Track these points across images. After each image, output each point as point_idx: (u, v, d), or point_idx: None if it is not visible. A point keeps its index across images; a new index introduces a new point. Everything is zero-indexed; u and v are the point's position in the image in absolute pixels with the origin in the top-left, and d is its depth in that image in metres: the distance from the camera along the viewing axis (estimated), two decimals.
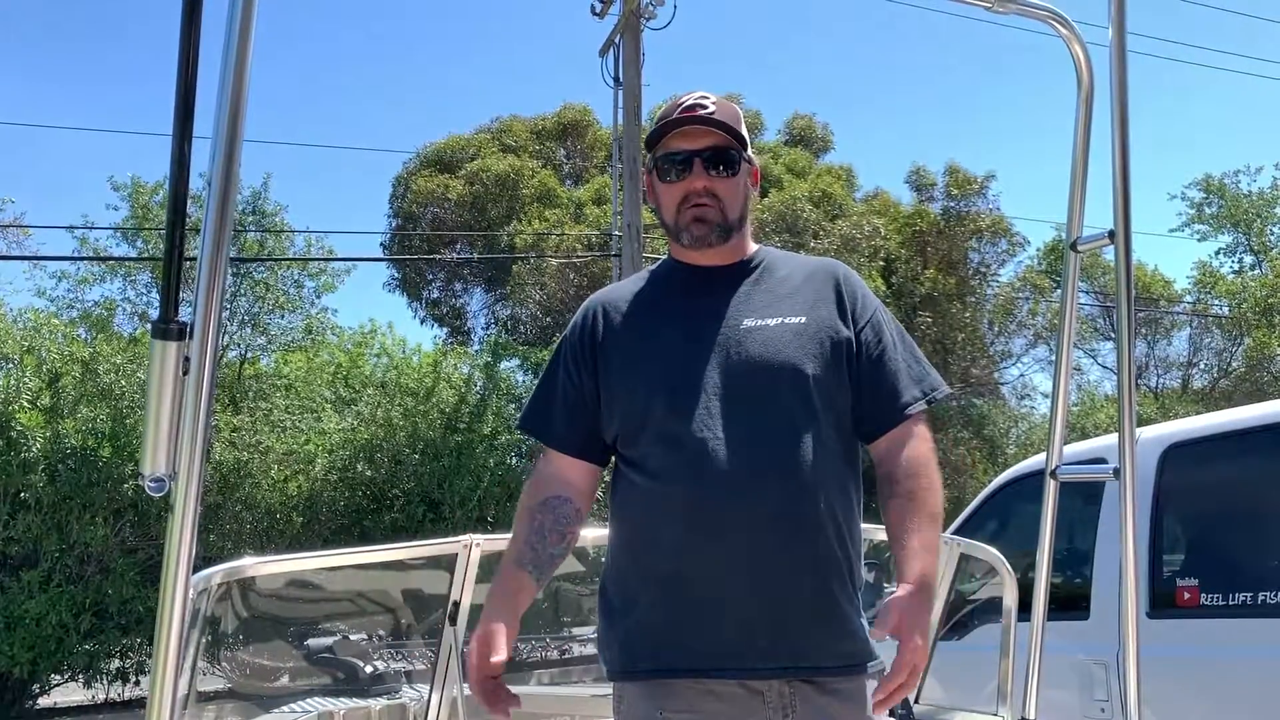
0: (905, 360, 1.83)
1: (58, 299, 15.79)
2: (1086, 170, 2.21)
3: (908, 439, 1.78)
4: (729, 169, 1.83)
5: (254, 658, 6.99)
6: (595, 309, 1.90)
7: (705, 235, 1.83)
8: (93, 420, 10.15)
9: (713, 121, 1.82)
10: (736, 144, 1.84)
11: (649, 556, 1.74)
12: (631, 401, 1.78)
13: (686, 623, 1.69)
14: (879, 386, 1.80)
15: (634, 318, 1.85)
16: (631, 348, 1.82)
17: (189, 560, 1.31)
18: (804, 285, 1.85)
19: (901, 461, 1.77)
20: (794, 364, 1.74)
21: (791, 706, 1.68)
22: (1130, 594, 2.06)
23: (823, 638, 1.70)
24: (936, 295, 18.66)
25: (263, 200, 15.97)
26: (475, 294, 21.21)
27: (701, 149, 1.82)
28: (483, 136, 20.72)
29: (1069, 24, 2.11)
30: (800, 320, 1.79)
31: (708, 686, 1.68)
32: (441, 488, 11.22)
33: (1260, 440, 3.53)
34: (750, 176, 1.89)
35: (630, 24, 12.95)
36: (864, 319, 1.83)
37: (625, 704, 1.75)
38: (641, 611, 1.74)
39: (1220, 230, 25.45)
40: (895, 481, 1.76)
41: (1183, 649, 3.36)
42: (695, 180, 1.82)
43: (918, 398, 1.81)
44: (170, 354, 1.32)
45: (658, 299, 1.88)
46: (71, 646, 9.87)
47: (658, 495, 1.73)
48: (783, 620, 1.68)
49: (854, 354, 1.80)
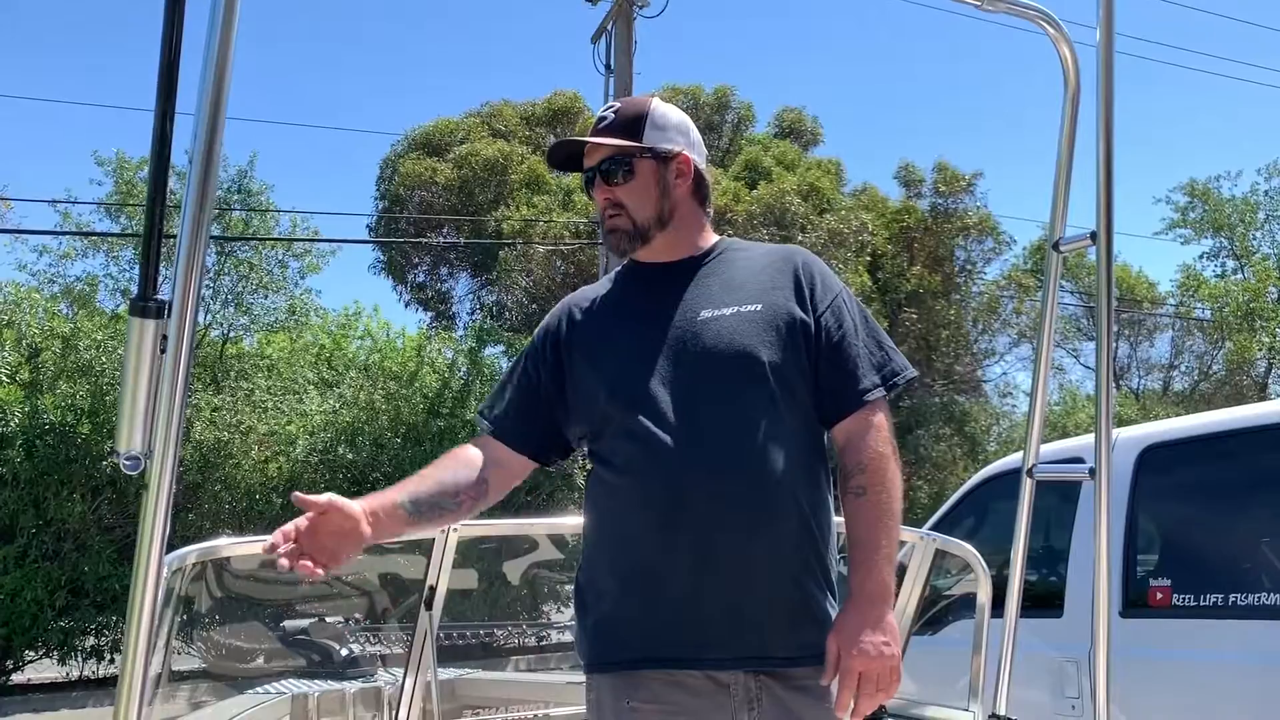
0: (866, 345, 1.81)
1: (39, 273, 15.69)
2: (1071, 170, 2.22)
3: (866, 431, 1.75)
4: (625, 176, 1.84)
5: (229, 639, 6.98)
6: (564, 310, 1.93)
7: (619, 243, 1.87)
8: (72, 396, 10.08)
9: (598, 135, 1.85)
10: (631, 148, 1.83)
11: (615, 550, 1.75)
12: (593, 400, 1.80)
13: (652, 615, 1.70)
14: (838, 371, 1.78)
15: (596, 318, 1.88)
16: (592, 347, 1.84)
17: (162, 538, 1.31)
18: (760, 273, 1.84)
19: (858, 456, 1.75)
20: (750, 351, 1.74)
21: (757, 700, 1.69)
22: (1102, 593, 2.07)
23: (786, 629, 1.71)
24: (922, 292, 18.72)
25: (249, 179, 15.86)
26: (461, 279, 21.12)
27: (596, 164, 1.86)
28: (472, 120, 20.61)
29: (1057, 24, 2.12)
30: (756, 308, 1.78)
31: (675, 678, 1.69)
32: None
33: (1236, 444, 3.56)
34: (665, 169, 1.86)
35: (623, 11, 12.91)
36: (824, 303, 1.81)
37: (595, 696, 1.76)
38: (609, 604, 1.75)
39: (1203, 234, 25.61)
40: (849, 476, 1.75)
41: (1154, 649, 3.39)
42: (599, 194, 1.86)
43: (877, 384, 1.78)
44: (149, 332, 1.31)
45: (618, 299, 1.90)
46: (46, 623, 9.82)
47: (622, 490, 1.75)
48: (746, 612, 1.69)
49: (813, 339, 1.78)
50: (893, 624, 1.68)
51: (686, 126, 1.91)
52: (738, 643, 1.68)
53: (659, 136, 1.85)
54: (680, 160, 1.87)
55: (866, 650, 1.63)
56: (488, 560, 8.66)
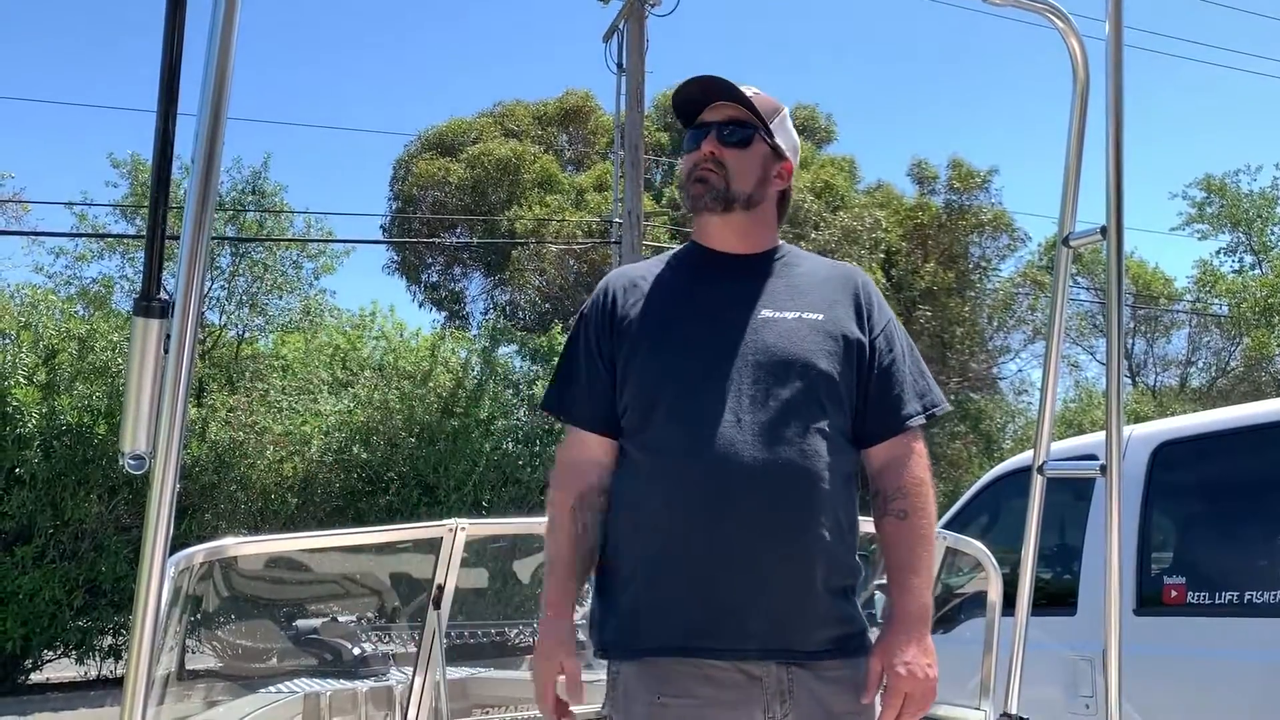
0: (912, 373, 1.88)
1: (55, 275, 15.77)
2: (1080, 165, 2.20)
3: (908, 457, 1.83)
4: (741, 143, 1.86)
5: (242, 638, 7.01)
6: (615, 286, 1.91)
7: (700, 196, 1.86)
8: (88, 397, 10.15)
9: (737, 96, 1.86)
10: (760, 124, 1.87)
11: (650, 536, 1.75)
12: (644, 382, 1.80)
13: (682, 602, 1.71)
14: (885, 394, 1.84)
15: (653, 299, 1.87)
16: (649, 329, 1.83)
17: (166, 537, 1.31)
18: (824, 284, 1.89)
19: (899, 480, 1.82)
20: (808, 358, 1.78)
21: (789, 692, 1.71)
22: (1114, 591, 2.06)
23: (816, 626, 1.73)
24: (936, 289, 18.66)
25: (263, 180, 15.91)
26: (474, 278, 21.18)
27: (719, 120, 1.87)
28: (484, 120, 20.66)
29: (1066, 18, 2.10)
30: (818, 317, 1.82)
31: (705, 671, 1.69)
32: (437, 472, 11.22)
33: (1250, 440, 3.54)
34: (773, 162, 1.90)
35: (634, 10, 12.90)
36: (879, 327, 1.87)
37: (621, 685, 1.76)
38: (638, 589, 1.75)
39: (1220, 230, 25.42)
40: (891, 499, 1.81)
41: (1169, 647, 3.37)
42: (706, 146, 1.87)
43: (919, 411, 1.86)
44: (152, 332, 1.31)
45: (677, 282, 1.89)
46: (64, 623, 9.89)
47: (662, 476, 1.75)
48: (778, 607, 1.70)
49: (865, 359, 1.84)
50: (932, 645, 1.75)
51: (798, 150, 2.00)
52: (770, 635, 1.70)
53: (783, 136, 1.92)
54: (785, 165, 1.93)
55: (914, 672, 1.70)
56: (500, 559, 8.67)
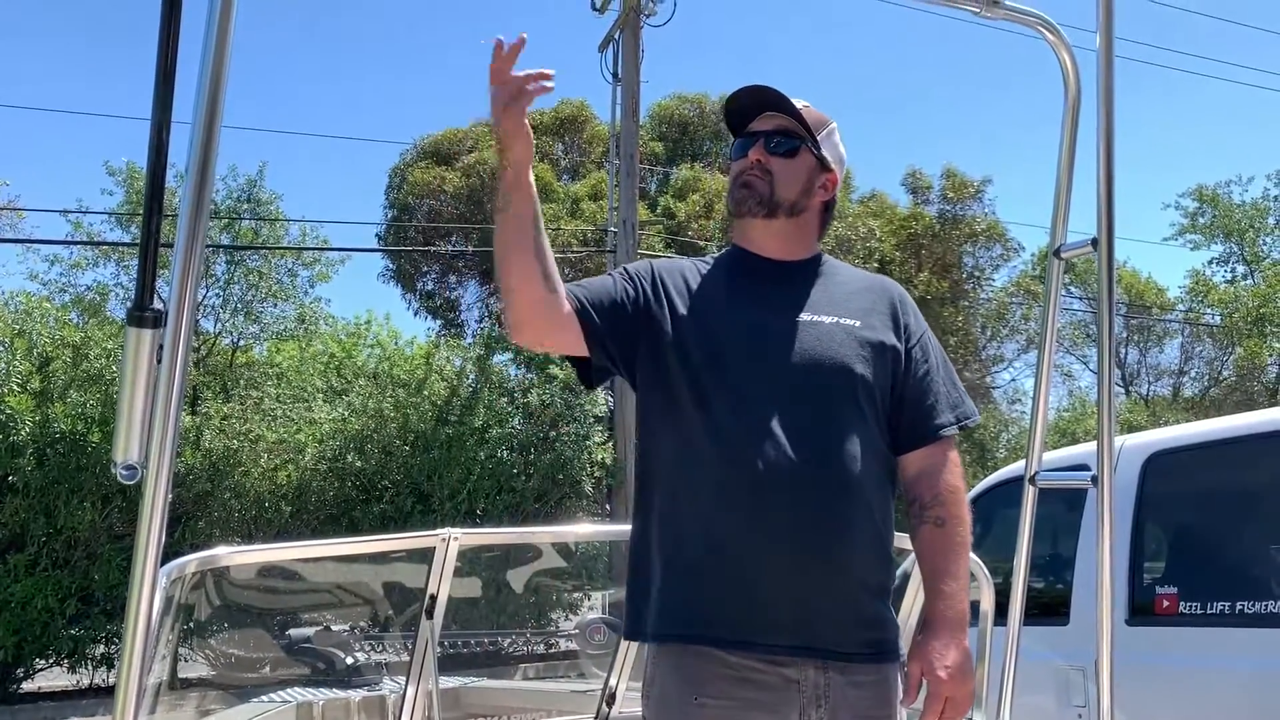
0: (946, 384, 1.92)
1: (50, 283, 15.76)
2: (1072, 177, 2.21)
3: (943, 465, 1.87)
4: (788, 152, 1.90)
5: (233, 646, 6.99)
6: (664, 266, 1.93)
7: (745, 200, 1.91)
8: (83, 405, 10.12)
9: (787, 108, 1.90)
10: (806, 135, 1.91)
11: (688, 528, 1.76)
12: (686, 374, 1.80)
13: (721, 595, 1.72)
14: (920, 403, 1.88)
15: (698, 294, 1.88)
16: (691, 321, 1.84)
17: (158, 547, 1.31)
18: (862, 293, 1.93)
19: (935, 488, 1.85)
20: (846, 363, 1.81)
21: (825, 696, 1.72)
22: (1105, 601, 2.06)
23: (851, 627, 1.75)
24: (930, 298, 18.68)
25: (258, 188, 15.93)
26: (470, 287, 21.18)
27: (767, 129, 1.92)
28: (480, 129, 20.63)
29: (1056, 30, 2.11)
30: (855, 324, 1.86)
31: (743, 674, 1.71)
32: (431, 480, 11.21)
33: (1243, 450, 3.54)
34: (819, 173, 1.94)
35: (630, 20, 12.94)
36: (915, 337, 1.92)
37: (658, 685, 1.75)
38: (677, 578, 1.76)
39: (1213, 240, 25.52)
40: (928, 507, 1.84)
41: (1161, 657, 3.37)
42: (753, 154, 1.91)
43: (952, 421, 1.90)
44: (145, 342, 1.31)
45: (720, 282, 1.92)
46: (57, 631, 9.85)
47: (701, 471, 1.76)
48: (817, 605, 1.73)
49: (901, 367, 1.88)
50: (970, 651, 1.78)
51: (844, 164, 2.02)
52: (807, 633, 1.72)
53: (830, 149, 1.96)
54: (830, 177, 1.97)
55: (955, 676, 1.74)
56: (494, 568, 8.67)
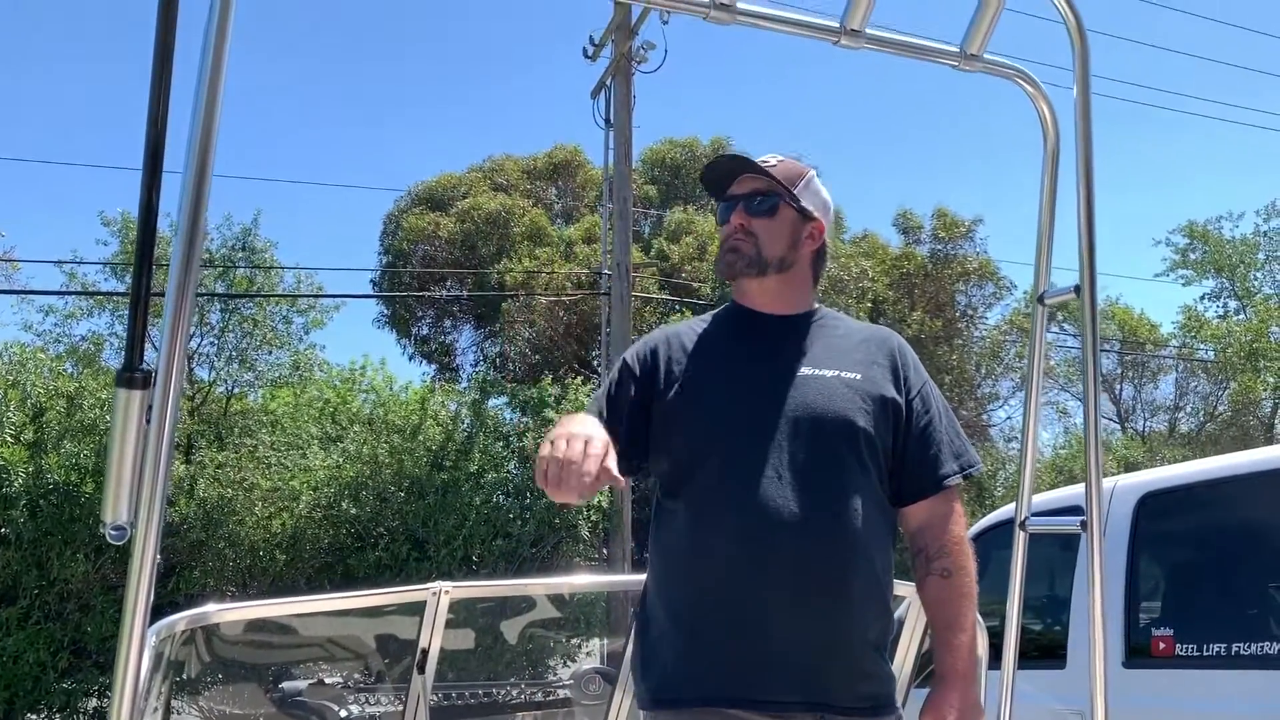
0: (948, 433, 1.92)
1: (45, 333, 15.75)
2: (1054, 224, 2.24)
3: (949, 515, 1.87)
4: (768, 212, 1.92)
5: (224, 702, 6.90)
6: (660, 338, 1.96)
7: (734, 263, 1.93)
8: (76, 455, 10.08)
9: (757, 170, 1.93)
10: (784, 191, 1.93)
11: (691, 587, 1.78)
12: (686, 437, 1.82)
13: (724, 654, 1.73)
14: (923, 454, 1.88)
15: (698, 355, 1.91)
16: (691, 385, 1.87)
17: (146, 606, 1.31)
18: (861, 345, 1.94)
19: (941, 539, 1.86)
20: (847, 416, 1.81)
21: None
22: (1098, 645, 2.06)
23: (849, 680, 1.75)
24: (923, 337, 18.73)
25: (253, 236, 15.97)
26: (464, 331, 21.23)
27: (745, 193, 1.94)
28: (474, 175, 20.82)
29: (1035, 82, 2.14)
30: (855, 376, 1.86)
31: None
32: (426, 526, 11.14)
33: (1235, 489, 3.54)
34: (802, 225, 1.96)
35: (622, 67, 13.08)
36: (915, 389, 1.93)
37: None
38: (681, 640, 1.77)
39: (1204, 275, 25.64)
40: (934, 559, 1.85)
41: (1158, 700, 3.35)
42: (735, 219, 1.94)
43: (956, 471, 1.90)
44: (134, 403, 1.32)
45: (719, 340, 1.94)
46: (49, 685, 9.73)
47: (704, 529, 1.77)
48: (819, 658, 1.73)
49: (902, 419, 1.88)
50: (980, 703, 1.79)
51: (830, 207, 2.04)
52: (811, 688, 1.72)
53: (810, 198, 1.98)
54: (816, 226, 1.99)
55: None
56: (487, 619, 8.59)
